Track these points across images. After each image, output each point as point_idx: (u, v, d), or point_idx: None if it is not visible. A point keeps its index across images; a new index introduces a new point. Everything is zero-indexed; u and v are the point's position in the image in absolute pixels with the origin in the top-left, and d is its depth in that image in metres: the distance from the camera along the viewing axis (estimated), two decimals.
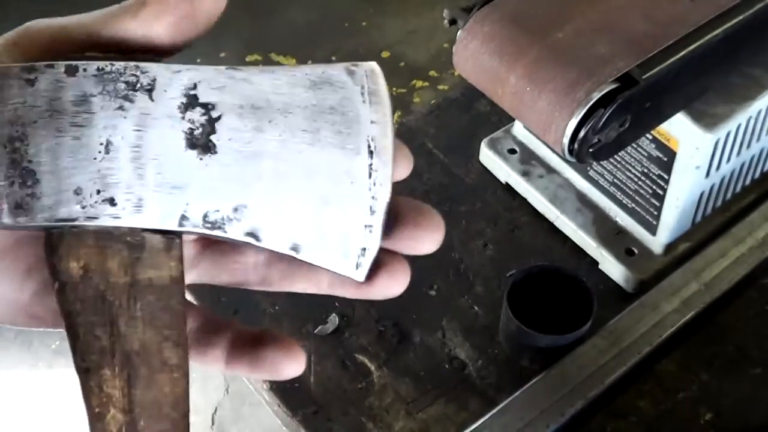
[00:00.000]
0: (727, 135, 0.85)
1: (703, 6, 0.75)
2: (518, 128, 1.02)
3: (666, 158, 0.86)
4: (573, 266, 0.94)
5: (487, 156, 1.03)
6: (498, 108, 0.77)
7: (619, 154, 0.89)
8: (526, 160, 1.01)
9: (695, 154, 0.84)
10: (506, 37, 0.74)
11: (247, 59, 2.54)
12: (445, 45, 2.51)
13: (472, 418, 0.84)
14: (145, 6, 0.36)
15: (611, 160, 0.91)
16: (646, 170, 0.89)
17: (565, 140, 0.70)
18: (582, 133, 0.69)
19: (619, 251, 0.93)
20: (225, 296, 0.94)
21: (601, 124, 0.69)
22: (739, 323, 0.92)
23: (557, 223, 0.98)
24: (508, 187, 1.02)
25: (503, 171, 1.02)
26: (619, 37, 0.73)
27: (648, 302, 0.90)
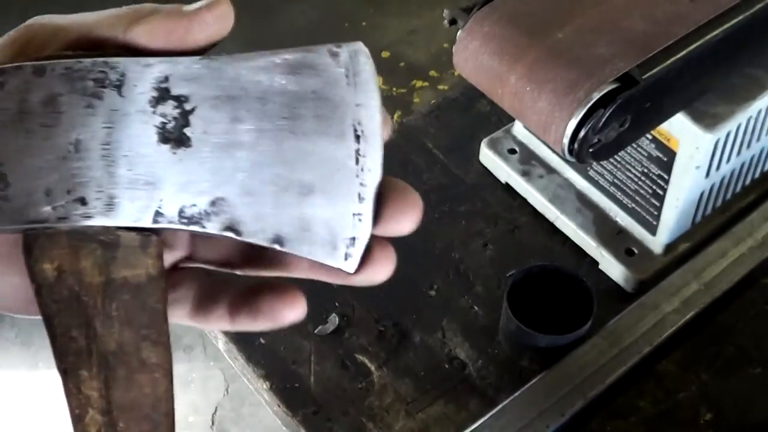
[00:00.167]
0: (727, 135, 0.85)
1: (703, 6, 0.75)
2: (518, 128, 1.02)
3: (666, 158, 0.86)
4: (573, 266, 0.94)
5: (487, 156, 1.03)
6: (498, 108, 0.77)
7: (619, 154, 0.89)
8: (526, 160, 1.01)
9: (695, 154, 0.84)
10: (506, 38, 0.74)
11: None
12: (445, 45, 2.51)
13: (472, 418, 0.84)
14: (138, 24, 0.36)
15: (611, 160, 0.91)
16: (646, 170, 0.88)
17: (565, 140, 0.70)
18: (582, 133, 0.69)
19: (619, 251, 0.93)
20: None
21: (601, 124, 0.69)
22: (739, 323, 0.92)
23: (557, 223, 0.98)
24: (508, 187, 1.02)
25: (503, 171, 1.02)
26: (619, 37, 0.73)
27: (648, 302, 0.90)
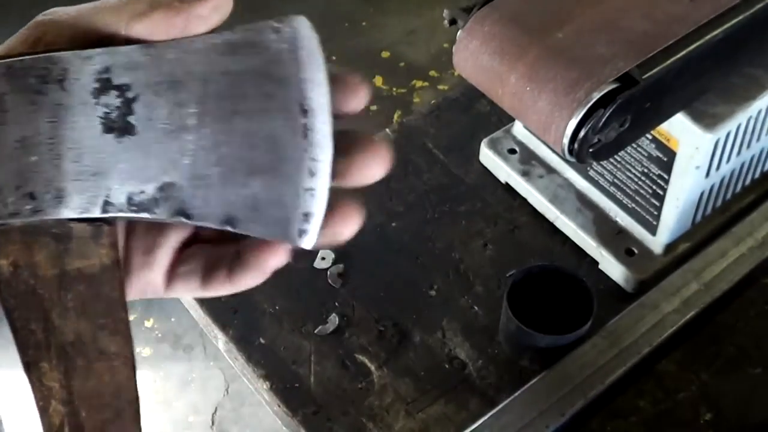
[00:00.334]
0: (727, 135, 0.85)
1: (703, 6, 0.75)
2: (518, 128, 1.02)
3: (666, 158, 0.86)
4: (573, 266, 0.94)
5: (487, 156, 1.03)
6: (498, 108, 0.77)
7: (619, 154, 0.89)
8: (526, 160, 1.01)
9: (695, 154, 0.84)
10: (506, 37, 0.74)
11: None
12: (445, 45, 2.51)
13: (472, 418, 0.84)
14: (140, 20, 0.36)
15: (611, 160, 0.91)
16: (646, 170, 0.88)
17: (565, 140, 0.70)
18: (582, 133, 0.69)
19: (619, 251, 0.93)
20: (225, 296, 0.93)
21: (601, 124, 0.69)
22: (739, 323, 0.92)
23: (557, 223, 0.98)
24: (508, 187, 1.02)
25: (503, 171, 1.02)
26: (619, 37, 0.73)
27: (648, 302, 0.90)
